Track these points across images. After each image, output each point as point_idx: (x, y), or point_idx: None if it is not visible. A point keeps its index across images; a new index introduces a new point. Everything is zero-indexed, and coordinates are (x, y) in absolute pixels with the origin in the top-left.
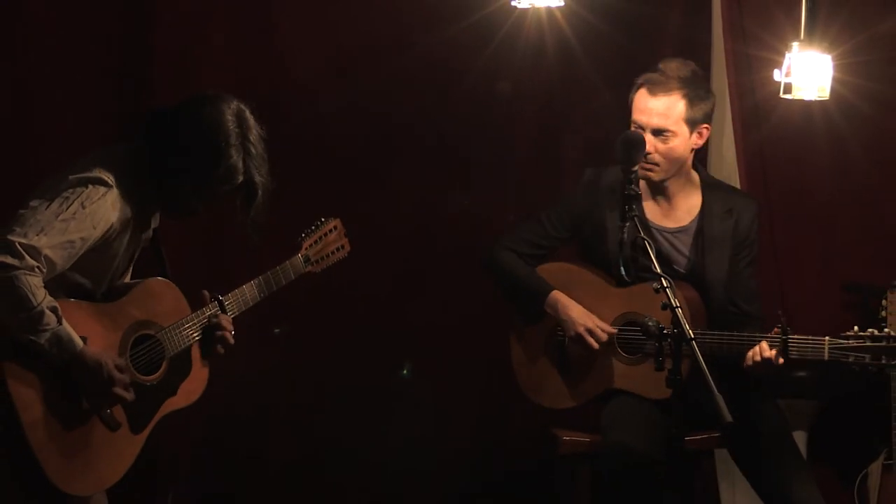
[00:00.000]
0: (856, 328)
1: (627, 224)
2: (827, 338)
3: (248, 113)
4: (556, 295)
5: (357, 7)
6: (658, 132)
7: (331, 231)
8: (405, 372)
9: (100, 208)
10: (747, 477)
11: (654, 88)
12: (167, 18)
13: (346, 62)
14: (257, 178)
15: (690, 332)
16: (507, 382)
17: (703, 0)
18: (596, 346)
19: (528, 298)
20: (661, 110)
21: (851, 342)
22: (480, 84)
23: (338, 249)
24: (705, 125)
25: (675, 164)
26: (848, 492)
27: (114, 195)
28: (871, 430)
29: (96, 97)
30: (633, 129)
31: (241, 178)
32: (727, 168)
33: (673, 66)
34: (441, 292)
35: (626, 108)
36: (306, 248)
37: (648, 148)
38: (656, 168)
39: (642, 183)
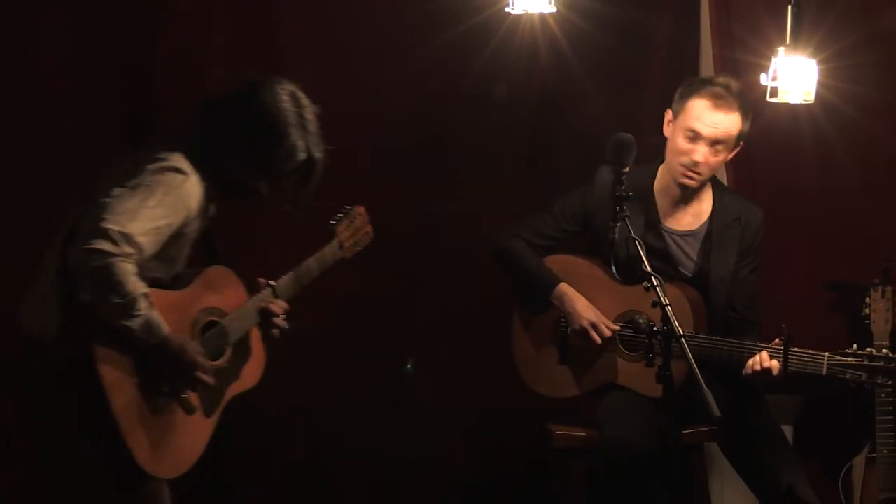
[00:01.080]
0: (854, 346)
1: (618, 224)
2: (827, 353)
3: (300, 92)
4: (563, 287)
5: (357, 10)
6: (715, 142)
7: (357, 217)
8: (409, 367)
9: (180, 195)
10: (738, 471)
11: (719, 102)
12: (168, 18)
13: (346, 64)
14: (317, 155)
15: (679, 329)
16: (503, 379)
17: (692, 6)
18: (598, 340)
19: (535, 288)
20: (725, 125)
21: (850, 360)
22: (476, 87)
23: (364, 235)
24: (743, 141)
25: (712, 175)
26: (833, 484)
27: (191, 182)
28: (854, 424)
29: (97, 96)
30: (685, 136)
31: (302, 156)
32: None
33: (732, 82)
34: (438, 292)
35: (618, 111)
36: (339, 235)
37: (699, 158)
38: (699, 177)
39: (658, 186)
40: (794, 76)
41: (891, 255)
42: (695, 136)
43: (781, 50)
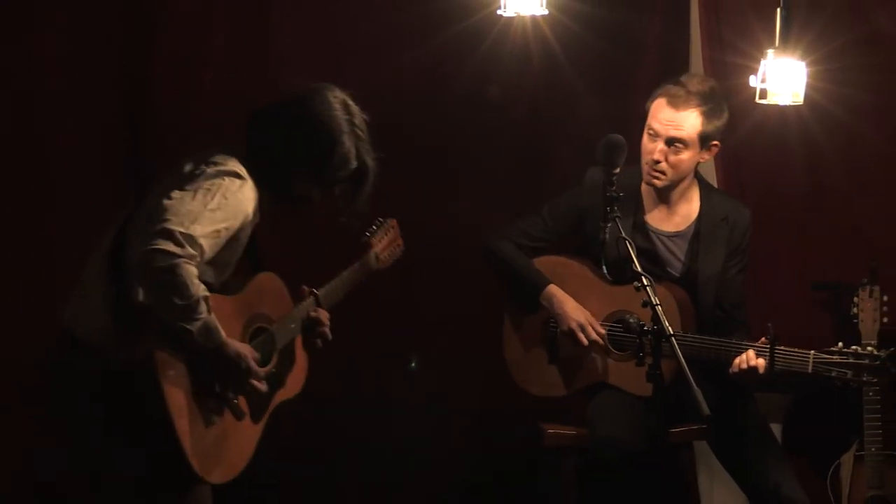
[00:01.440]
0: (840, 344)
1: (609, 225)
2: (812, 352)
3: (350, 100)
4: (553, 289)
5: (352, 12)
6: (671, 142)
7: (390, 230)
8: (412, 365)
9: (239, 200)
10: (728, 468)
11: (674, 100)
12: (168, 19)
13: (342, 65)
14: (369, 162)
15: (669, 329)
16: (497, 379)
17: (682, 9)
18: (586, 342)
19: (525, 289)
20: (678, 122)
21: (836, 357)
22: (469, 88)
23: (396, 248)
24: (716, 142)
25: (680, 175)
26: (821, 482)
27: (248, 187)
28: (842, 422)
29: (97, 96)
30: (647, 134)
31: (355, 164)
32: (705, 170)
33: (694, 82)
34: (432, 292)
35: (609, 112)
36: (375, 247)
37: (658, 156)
38: (662, 176)
39: (645, 187)
40: (782, 78)
41: (878, 255)
42: (654, 135)
43: (770, 52)
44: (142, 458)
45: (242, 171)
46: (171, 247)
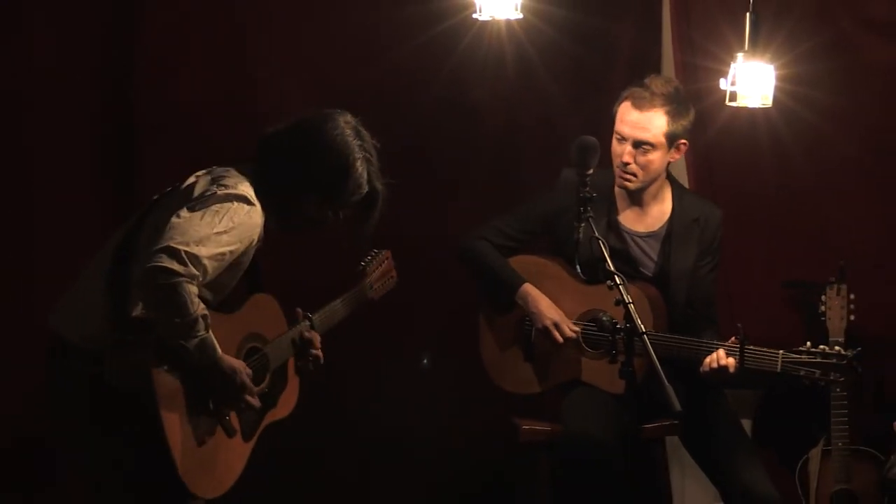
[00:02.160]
0: (808, 343)
1: (583, 224)
2: (781, 351)
3: (360, 125)
4: (528, 288)
5: (331, 15)
6: (638, 144)
7: (385, 261)
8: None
9: (247, 224)
10: (699, 463)
11: (639, 102)
12: (148, 23)
13: (321, 68)
14: (379, 187)
15: (642, 327)
16: (472, 377)
17: (654, 14)
18: (561, 340)
19: (500, 288)
20: (643, 124)
21: (804, 357)
22: (445, 91)
23: (390, 279)
24: (683, 140)
25: (651, 176)
26: (790, 476)
27: (256, 212)
28: (810, 418)
29: (80, 99)
30: (615, 138)
31: (366, 189)
32: (676, 172)
33: (658, 83)
34: (406, 292)
35: (583, 114)
36: (368, 276)
37: (627, 159)
38: (633, 178)
39: (618, 189)
40: (752, 81)
41: (846, 255)
42: (622, 138)
43: (740, 55)
44: (134, 470)
45: (252, 194)
46: (174, 265)
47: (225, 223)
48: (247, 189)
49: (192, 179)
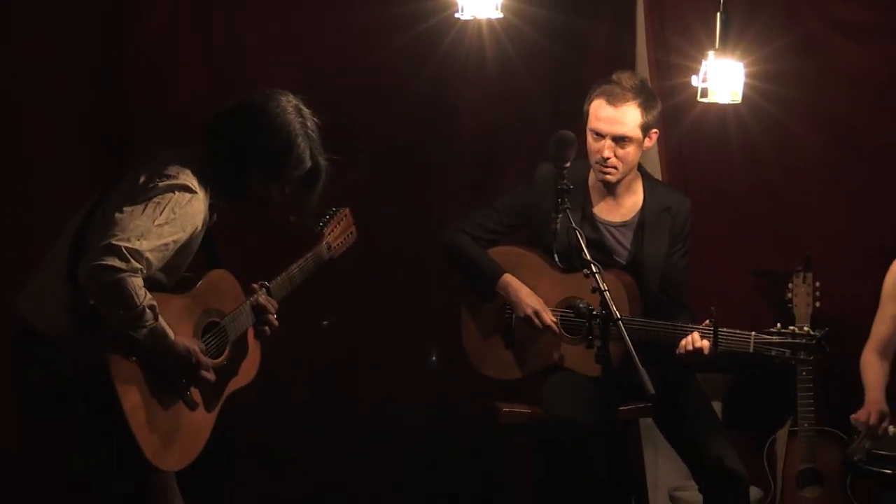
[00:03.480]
0: (778, 325)
1: (560, 216)
2: (753, 333)
3: (302, 104)
4: (507, 278)
5: (318, 15)
6: (618, 139)
7: (343, 219)
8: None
9: (188, 213)
10: (671, 443)
11: (612, 99)
12: (142, 22)
13: (308, 66)
14: (321, 162)
15: (617, 313)
16: (456, 364)
17: (629, 13)
18: (540, 327)
19: (481, 279)
20: (620, 119)
21: (775, 338)
22: (428, 88)
23: (349, 235)
24: (655, 129)
25: (629, 167)
26: (758, 455)
27: (198, 199)
28: (777, 400)
29: (76, 100)
30: (591, 136)
31: (309, 164)
32: (650, 166)
33: (625, 77)
34: (387, 284)
35: (560, 110)
36: (327, 237)
37: (608, 153)
38: (614, 171)
39: (592, 181)
40: (722, 78)
41: (812, 245)
42: (600, 135)
43: (711, 54)
44: (99, 449)
45: (193, 182)
46: (115, 262)
47: (166, 214)
48: (188, 178)
49: (137, 168)
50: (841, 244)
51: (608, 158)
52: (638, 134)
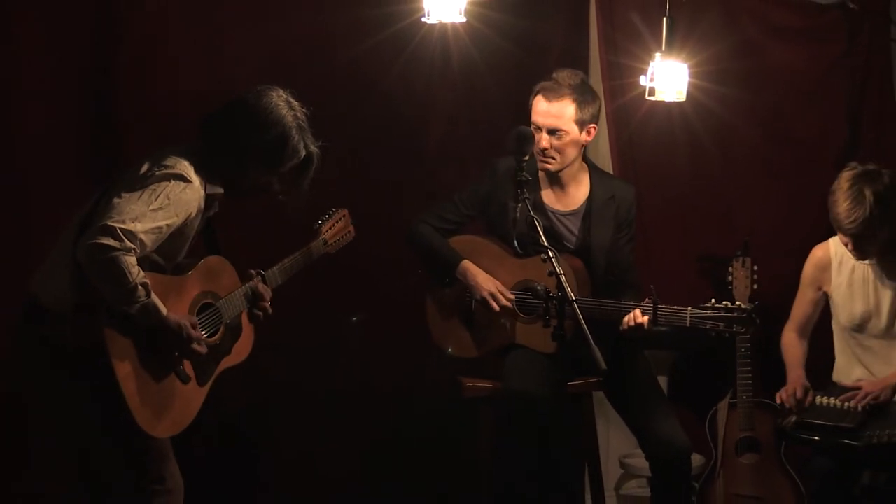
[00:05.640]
0: (713, 300)
1: (519, 205)
2: (689, 308)
3: (291, 97)
4: (466, 264)
5: (290, 18)
6: (552, 131)
7: (341, 218)
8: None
9: (182, 200)
10: (621, 415)
11: (549, 95)
12: (132, 29)
13: (280, 65)
14: (313, 149)
15: (572, 295)
16: (421, 344)
17: (582, 18)
18: (497, 308)
19: (442, 265)
20: (554, 113)
21: (709, 312)
22: (395, 88)
23: (346, 234)
24: (593, 125)
25: (568, 158)
26: (701, 426)
27: (192, 188)
28: (718, 375)
29: (66, 99)
30: (532, 129)
31: (303, 153)
32: (602, 158)
33: (564, 75)
34: (362, 273)
35: (519, 108)
36: (324, 233)
37: (545, 144)
38: (552, 161)
39: (542, 173)
40: (668, 78)
41: (750, 231)
42: (538, 128)
43: (658, 55)
44: (97, 418)
45: (190, 172)
46: (109, 241)
47: (160, 200)
48: (184, 168)
49: (141, 159)
50: (776, 230)
51: (546, 149)
52: (573, 128)
